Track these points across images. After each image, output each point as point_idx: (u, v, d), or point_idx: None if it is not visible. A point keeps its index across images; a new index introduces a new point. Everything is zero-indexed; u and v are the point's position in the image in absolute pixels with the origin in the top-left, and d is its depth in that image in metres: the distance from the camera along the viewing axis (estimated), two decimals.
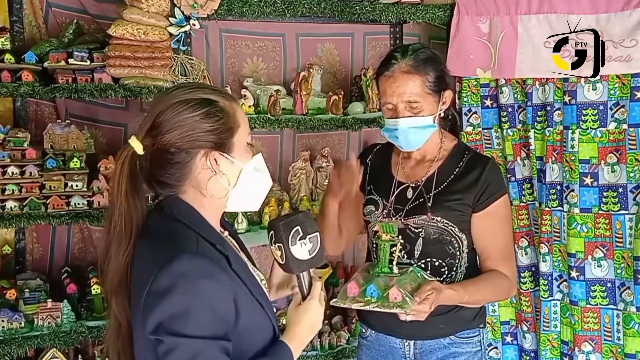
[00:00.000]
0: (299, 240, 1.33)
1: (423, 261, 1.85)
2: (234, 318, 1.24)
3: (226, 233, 1.47)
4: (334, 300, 1.64)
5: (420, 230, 1.85)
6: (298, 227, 1.33)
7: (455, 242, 1.86)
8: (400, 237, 1.79)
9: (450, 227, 1.85)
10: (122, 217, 1.29)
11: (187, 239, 1.26)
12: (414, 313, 1.67)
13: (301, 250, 1.33)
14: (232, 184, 1.33)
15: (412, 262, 1.85)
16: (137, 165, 1.31)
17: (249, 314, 1.27)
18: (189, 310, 1.17)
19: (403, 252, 1.85)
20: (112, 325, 1.36)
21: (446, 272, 1.86)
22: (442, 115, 1.90)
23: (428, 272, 1.83)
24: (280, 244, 1.33)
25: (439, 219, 1.84)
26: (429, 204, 1.85)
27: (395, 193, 1.92)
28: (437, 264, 1.86)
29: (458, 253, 1.87)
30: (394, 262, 1.74)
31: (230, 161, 1.32)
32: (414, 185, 1.91)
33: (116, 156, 1.33)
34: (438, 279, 1.83)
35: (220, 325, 1.21)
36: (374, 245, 1.88)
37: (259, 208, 2.82)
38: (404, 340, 1.91)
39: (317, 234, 1.36)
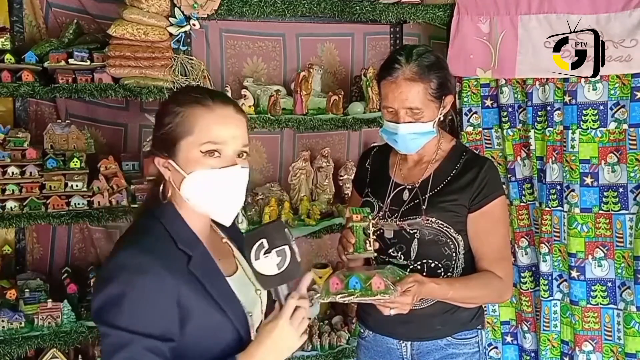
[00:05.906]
0: (264, 254, 1.23)
1: (419, 262, 1.85)
2: (176, 318, 1.23)
3: (225, 239, 1.48)
4: (317, 295, 1.60)
5: (416, 231, 1.84)
6: (263, 240, 1.24)
7: (451, 243, 1.85)
8: (371, 217, 1.79)
9: (445, 228, 1.84)
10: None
11: (146, 234, 1.27)
12: (397, 306, 1.65)
13: (267, 264, 1.23)
14: (181, 190, 1.30)
15: (409, 264, 1.85)
16: None
17: (204, 317, 1.25)
18: (122, 302, 1.19)
19: (399, 253, 1.85)
20: None
21: (442, 274, 1.85)
22: (442, 118, 1.89)
23: (424, 273, 1.81)
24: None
25: (433, 219, 1.83)
26: (424, 206, 1.84)
27: (392, 195, 1.92)
28: (433, 265, 1.85)
29: (454, 254, 1.86)
30: (368, 242, 1.73)
31: (175, 168, 1.30)
32: (410, 186, 1.91)
33: None
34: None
35: (155, 323, 1.19)
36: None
37: (259, 209, 2.81)
38: (401, 341, 1.91)
39: (286, 246, 1.24)
